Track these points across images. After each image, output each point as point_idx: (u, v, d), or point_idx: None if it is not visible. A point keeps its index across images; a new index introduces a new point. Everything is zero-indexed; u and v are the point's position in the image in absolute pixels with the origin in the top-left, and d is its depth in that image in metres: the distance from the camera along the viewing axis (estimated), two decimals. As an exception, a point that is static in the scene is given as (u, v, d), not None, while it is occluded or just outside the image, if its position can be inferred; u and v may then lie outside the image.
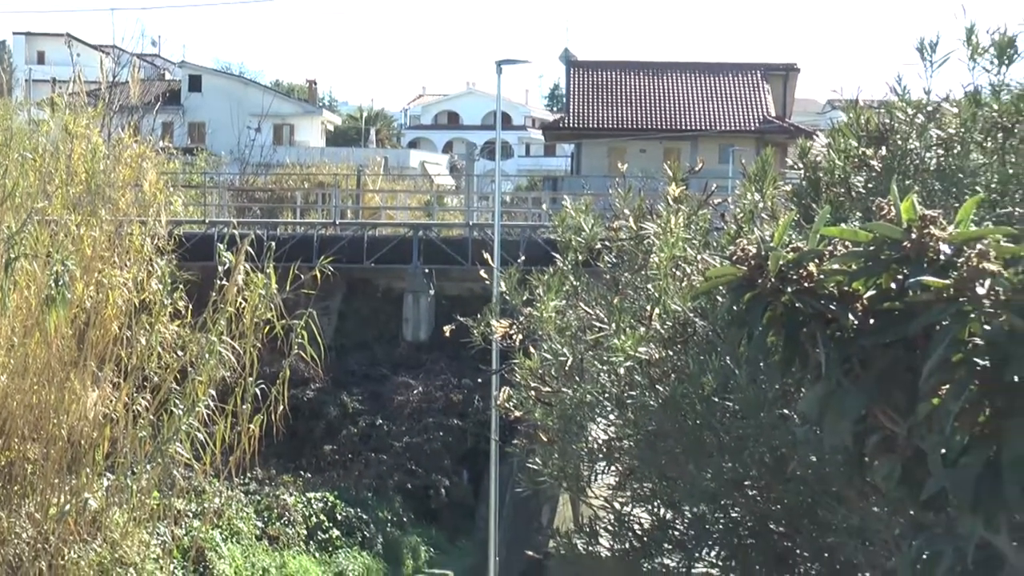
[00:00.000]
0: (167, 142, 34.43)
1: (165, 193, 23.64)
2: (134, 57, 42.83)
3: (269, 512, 29.97)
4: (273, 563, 28.15)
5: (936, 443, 4.83)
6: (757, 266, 5.11)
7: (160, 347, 21.03)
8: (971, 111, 9.32)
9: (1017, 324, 4.62)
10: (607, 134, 72.83)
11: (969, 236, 4.85)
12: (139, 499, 21.10)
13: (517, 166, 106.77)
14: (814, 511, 8.50)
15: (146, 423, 20.50)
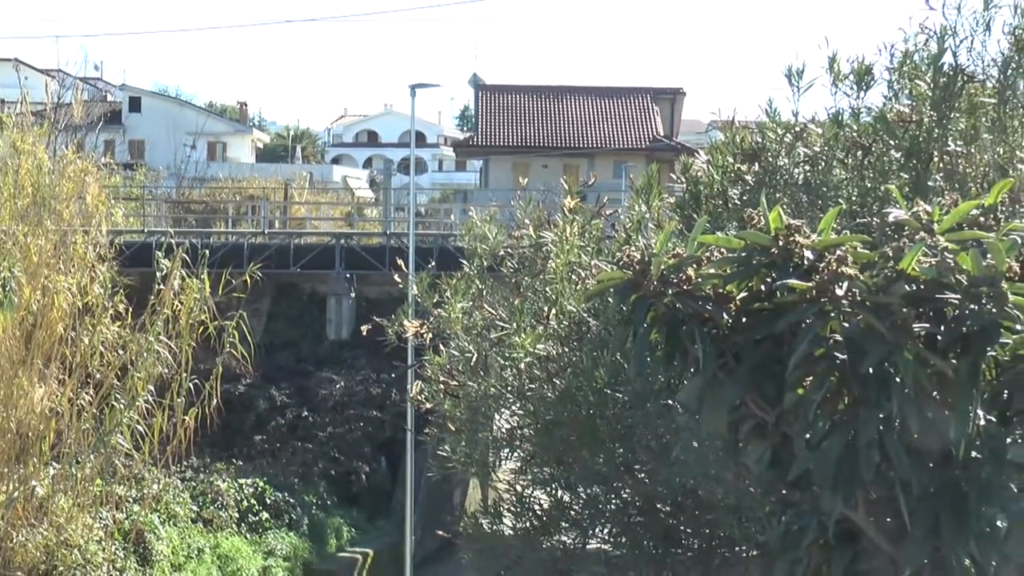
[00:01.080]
0: (109, 158, 34.06)
1: (106, 205, 23.52)
2: (78, 80, 42.47)
3: (204, 497, 29.74)
4: (207, 544, 27.96)
5: (801, 429, 4.89)
6: (641, 271, 5.13)
7: (102, 346, 20.94)
8: (834, 131, 9.41)
9: (872, 322, 4.68)
10: (512, 151, 72.81)
11: (829, 243, 4.90)
12: (83, 486, 21.02)
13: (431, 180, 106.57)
14: (696, 491, 8.54)
15: (89, 416, 20.41)
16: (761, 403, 5.08)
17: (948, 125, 9.17)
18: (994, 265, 4.77)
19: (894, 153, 9.23)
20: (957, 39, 9.31)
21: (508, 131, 74.86)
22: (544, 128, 75.05)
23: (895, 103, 9.56)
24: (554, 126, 75.30)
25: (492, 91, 77.74)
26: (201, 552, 27.44)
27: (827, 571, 5.23)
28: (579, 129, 75.04)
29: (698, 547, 9.30)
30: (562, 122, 75.58)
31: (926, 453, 4.83)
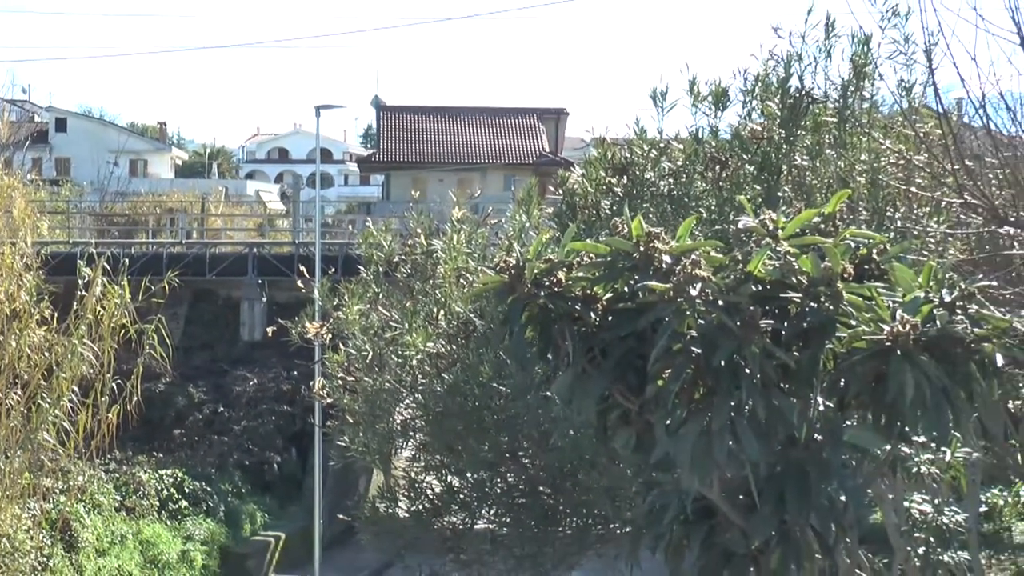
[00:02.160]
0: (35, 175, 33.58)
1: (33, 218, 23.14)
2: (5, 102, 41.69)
3: (126, 487, 29.37)
4: (130, 531, 27.62)
5: (661, 416, 4.92)
6: (517, 275, 5.14)
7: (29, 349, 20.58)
8: (694, 147, 9.52)
9: (723, 319, 4.73)
10: (411, 166, 72.74)
11: (685, 248, 4.95)
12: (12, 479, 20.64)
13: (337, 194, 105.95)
14: (574, 475, 8.61)
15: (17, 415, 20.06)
16: (626, 393, 5.11)
17: (795, 142, 9.31)
18: (831, 267, 4.85)
19: (748, 167, 9.36)
20: (802, 64, 9.47)
21: (407, 148, 74.83)
22: (440, 145, 75.06)
23: (749, 122, 9.69)
24: (449, 143, 75.34)
25: (393, 111, 77.67)
26: (124, 538, 27.10)
27: (687, 544, 5.28)
28: (472, 146, 75.13)
29: (576, 525, 9.36)
30: (457, 140, 75.65)
31: (773, 436, 4.87)
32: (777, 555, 5.03)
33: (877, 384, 4.86)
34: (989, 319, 5.02)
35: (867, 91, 9.46)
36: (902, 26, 9.12)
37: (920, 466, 8.74)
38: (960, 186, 7.51)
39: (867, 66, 9.33)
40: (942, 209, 8.74)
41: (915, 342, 4.77)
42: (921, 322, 4.82)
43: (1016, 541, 17.26)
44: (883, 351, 4.79)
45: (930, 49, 7.67)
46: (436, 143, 75.52)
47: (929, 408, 4.87)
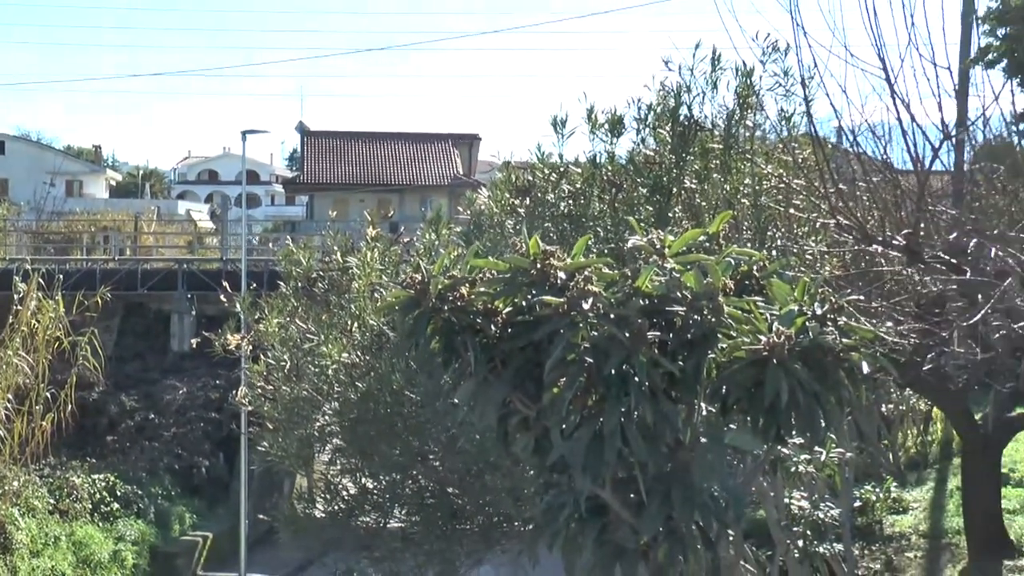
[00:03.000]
0: (-26, 196, 33.12)
1: (-30, 237, 22.89)
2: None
3: (60, 491, 28.84)
4: (63, 532, 27.13)
5: (557, 422, 4.93)
6: (422, 290, 5.14)
7: (-36, 361, 20.28)
8: (591, 171, 9.58)
9: (613, 331, 4.75)
10: (334, 188, 72.40)
11: (579, 265, 4.96)
12: (-53, 485, 20.31)
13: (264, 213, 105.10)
14: (479, 476, 8.60)
15: (-46, 422, 19.74)
16: (524, 400, 5.12)
17: (685, 166, 9.40)
18: (713, 283, 4.89)
19: (641, 189, 9.43)
20: (691, 95, 9.57)
21: (330, 170, 74.52)
22: (361, 168, 74.85)
23: (642, 148, 9.77)
24: (370, 166, 75.15)
25: (316, 136, 77.36)
26: (57, 540, 26.63)
27: (581, 540, 5.28)
28: (391, 169, 74.99)
29: (481, 523, 9.35)
30: (377, 163, 75.46)
31: (660, 440, 4.90)
32: (664, 549, 5.05)
33: (755, 390, 4.90)
34: (857, 330, 5.09)
35: (750, 120, 9.57)
36: (781, 61, 9.26)
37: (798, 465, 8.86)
38: (834, 208, 7.62)
39: (750, 97, 9.44)
40: (818, 229, 8.87)
41: (789, 352, 4.83)
42: (795, 333, 4.88)
43: (887, 533, 17.44)
44: (760, 360, 4.84)
45: (805, 83, 7.78)
46: (357, 166, 75.26)
47: (802, 412, 4.93)
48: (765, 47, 9.13)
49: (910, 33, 7.29)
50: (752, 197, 9.07)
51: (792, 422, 4.98)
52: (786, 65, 9.19)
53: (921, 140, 7.72)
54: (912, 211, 7.71)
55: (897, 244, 7.69)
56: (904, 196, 8.12)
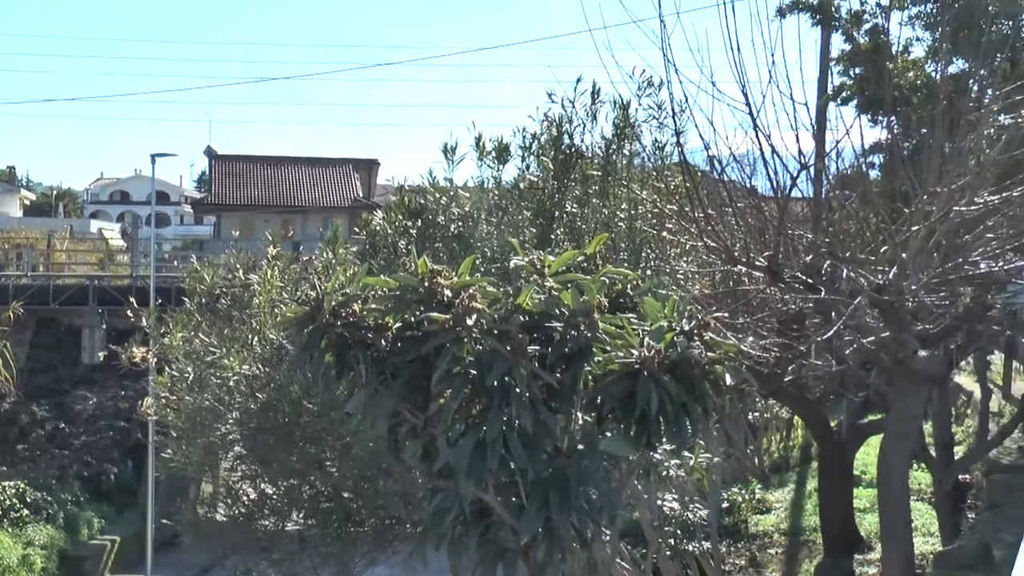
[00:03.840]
0: None
1: None
2: None
3: (-29, 499, 28.22)
4: (-26, 538, 26.54)
5: (443, 430, 4.91)
6: (316, 307, 5.09)
7: None
8: (479, 195, 9.58)
9: (495, 346, 4.74)
10: (240, 208, 71.71)
11: (464, 284, 4.94)
12: None
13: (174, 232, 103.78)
14: (373, 481, 8.54)
15: None
16: (413, 410, 5.09)
17: (566, 192, 9.44)
18: (588, 300, 4.91)
19: (525, 213, 9.46)
20: (572, 125, 9.63)
21: (237, 192, 73.78)
22: (267, 190, 74.21)
23: (527, 174, 9.80)
24: (275, 188, 74.53)
25: (224, 160, 76.62)
26: (-33, 545, 26.01)
27: (466, 540, 5.26)
28: (295, 191, 74.50)
29: (374, 525, 9.27)
30: (281, 185, 74.85)
31: (539, 447, 4.90)
32: (543, 549, 5.04)
33: (628, 401, 4.92)
34: (721, 344, 5.14)
35: (627, 149, 9.66)
36: (655, 95, 9.36)
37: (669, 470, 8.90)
38: (702, 231, 7.69)
39: (627, 128, 9.53)
40: (688, 251, 8.95)
41: (659, 365, 4.87)
42: (664, 348, 4.92)
43: (751, 532, 17.66)
44: (632, 373, 4.88)
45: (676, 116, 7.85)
46: (263, 188, 74.61)
47: (671, 420, 4.97)
48: (640, 82, 9.23)
49: (771, 71, 7.38)
50: (628, 221, 9.14)
51: (661, 430, 5.03)
52: (659, 99, 9.29)
53: (781, 170, 7.82)
54: (773, 235, 7.80)
55: (759, 265, 7.78)
56: (766, 221, 8.22)
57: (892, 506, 9.09)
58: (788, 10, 15.34)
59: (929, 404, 15.04)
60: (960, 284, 8.45)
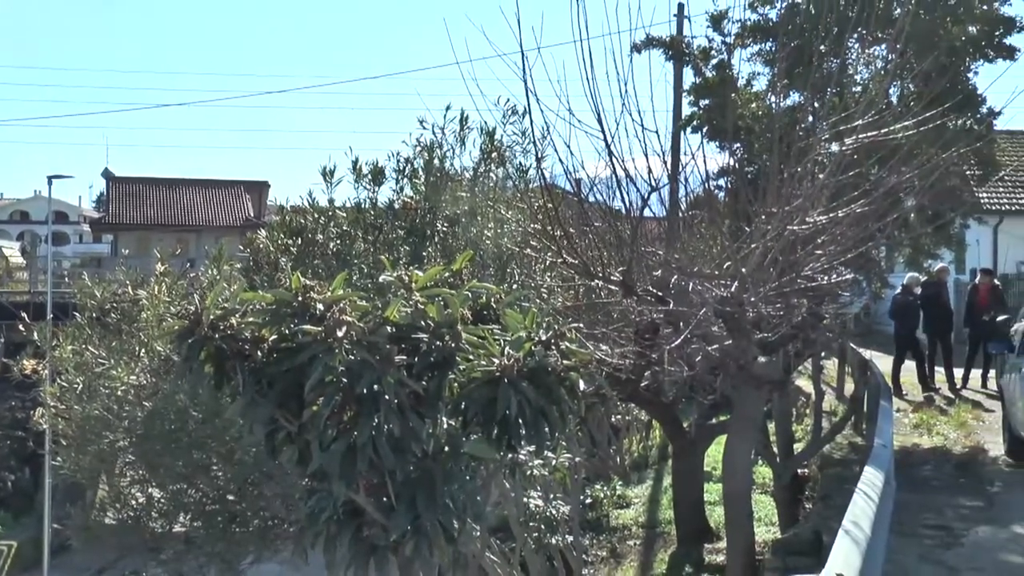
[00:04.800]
0: None
1: None
2: None
3: None
4: None
5: (316, 435, 4.84)
6: (195, 320, 4.98)
7: None
8: (356, 215, 9.51)
9: (365, 356, 4.70)
10: (137, 227, 70.63)
11: (335, 298, 4.89)
12: None
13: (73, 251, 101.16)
14: (256, 484, 8.39)
15: None
16: (288, 417, 5.00)
17: (437, 212, 9.42)
18: (452, 313, 4.89)
19: (399, 231, 9.41)
20: (443, 150, 9.62)
21: (134, 212, 72.81)
22: (162, 210, 73.40)
23: (400, 195, 9.78)
24: (170, 208, 73.76)
25: (121, 181, 75.66)
26: None
27: (339, 539, 5.19)
28: (190, 211, 73.81)
29: (257, 526, 9.10)
30: (176, 205, 74.09)
31: (407, 450, 4.87)
32: (411, 545, 4.99)
33: (489, 406, 4.91)
34: (576, 353, 5.16)
35: (494, 172, 9.68)
36: (519, 123, 9.39)
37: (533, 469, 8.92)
38: (561, 249, 7.73)
39: (493, 153, 9.55)
40: (551, 267, 8.99)
41: (518, 372, 4.87)
42: (523, 356, 4.91)
43: (612, 525, 17.78)
44: (493, 380, 4.87)
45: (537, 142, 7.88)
46: (158, 208, 73.72)
47: (530, 424, 4.97)
48: (505, 111, 9.25)
49: (624, 101, 7.46)
50: (495, 239, 9.15)
51: (521, 433, 5.02)
52: (523, 126, 9.33)
53: (634, 192, 7.90)
54: (627, 252, 7.87)
55: (615, 280, 7.84)
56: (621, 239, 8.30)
57: (735, 499, 9.23)
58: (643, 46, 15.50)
59: (771, 405, 15.34)
60: (794, 296, 8.62)
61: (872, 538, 6.69)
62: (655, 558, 15.40)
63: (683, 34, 23.46)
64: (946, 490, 13.42)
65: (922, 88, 15.46)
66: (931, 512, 11.99)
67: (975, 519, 11.78)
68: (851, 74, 16.60)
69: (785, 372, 11.76)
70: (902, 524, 11.19)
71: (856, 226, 9.13)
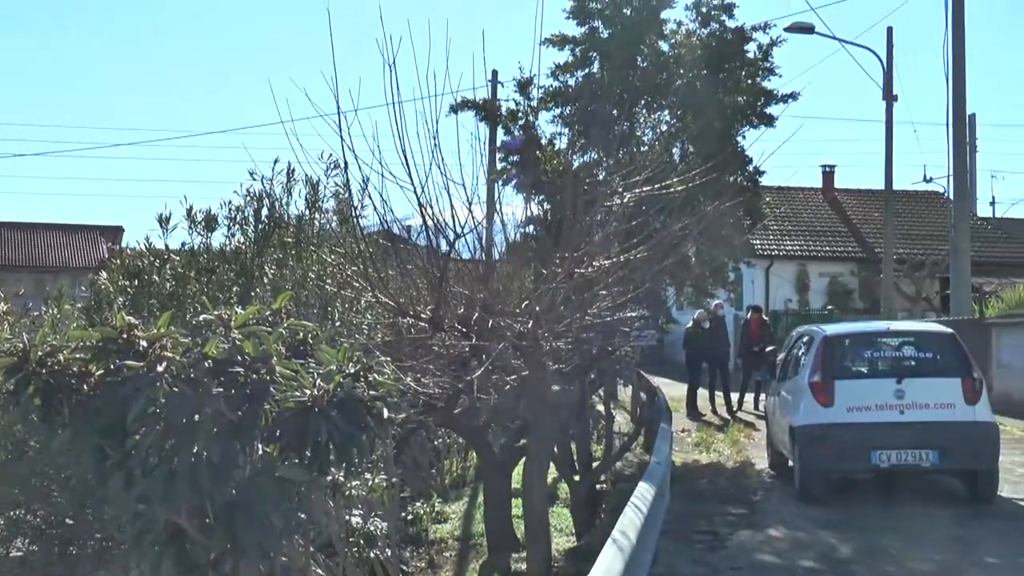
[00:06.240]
0: None
1: None
2: None
3: None
4: None
5: (140, 462, 4.76)
6: (23, 357, 4.85)
7: None
8: (189, 258, 9.33)
9: (184, 389, 4.64)
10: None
11: (158, 336, 4.81)
12: None
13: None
14: (94, 507, 8.07)
15: None
16: (114, 446, 4.89)
17: (266, 256, 9.31)
18: (267, 349, 4.86)
19: (230, 274, 9.26)
20: (271, 200, 9.54)
21: (-8, 254, 69.94)
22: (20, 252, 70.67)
23: (232, 240, 9.64)
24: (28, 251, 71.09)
25: (-24, 224, 72.50)
26: None
27: (164, 558, 5.08)
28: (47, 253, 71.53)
29: (94, 546, 8.74)
30: (35, 249, 71.47)
31: (225, 475, 4.81)
32: (230, 563, 4.94)
33: (302, 433, 4.90)
34: (383, 384, 5.19)
35: (317, 220, 9.64)
36: (341, 175, 9.37)
37: (352, 490, 8.85)
38: (375, 289, 7.74)
39: (317, 202, 9.52)
40: (369, 306, 8.98)
41: (327, 402, 4.87)
42: (332, 388, 4.92)
43: (431, 539, 17.69)
44: (305, 409, 4.86)
45: (352, 193, 7.90)
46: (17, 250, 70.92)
47: (339, 449, 4.99)
48: (328, 164, 9.24)
49: (433, 153, 7.54)
50: (316, 280, 9.09)
51: (331, 458, 5.03)
52: (345, 178, 9.32)
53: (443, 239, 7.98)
54: (435, 293, 7.94)
55: (424, 317, 7.89)
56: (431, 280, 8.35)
57: (534, 513, 9.36)
58: (459, 107, 15.72)
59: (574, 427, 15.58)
60: (585, 332, 8.83)
61: (637, 546, 6.87)
62: (468, 568, 15.38)
63: (497, 98, 23.88)
64: (717, 500, 13.89)
65: (698, 148, 16.10)
66: (703, 520, 12.40)
67: (739, 524, 12.23)
68: (639, 135, 17.17)
69: (581, 399, 12.00)
70: (677, 531, 11.55)
71: (641, 269, 9.43)
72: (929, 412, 12.93)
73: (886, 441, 12.83)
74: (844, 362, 13.80)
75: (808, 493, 13.37)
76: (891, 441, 12.84)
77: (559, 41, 18.50)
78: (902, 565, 10.14)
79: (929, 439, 12.80)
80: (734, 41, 18.44)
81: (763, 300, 38.33)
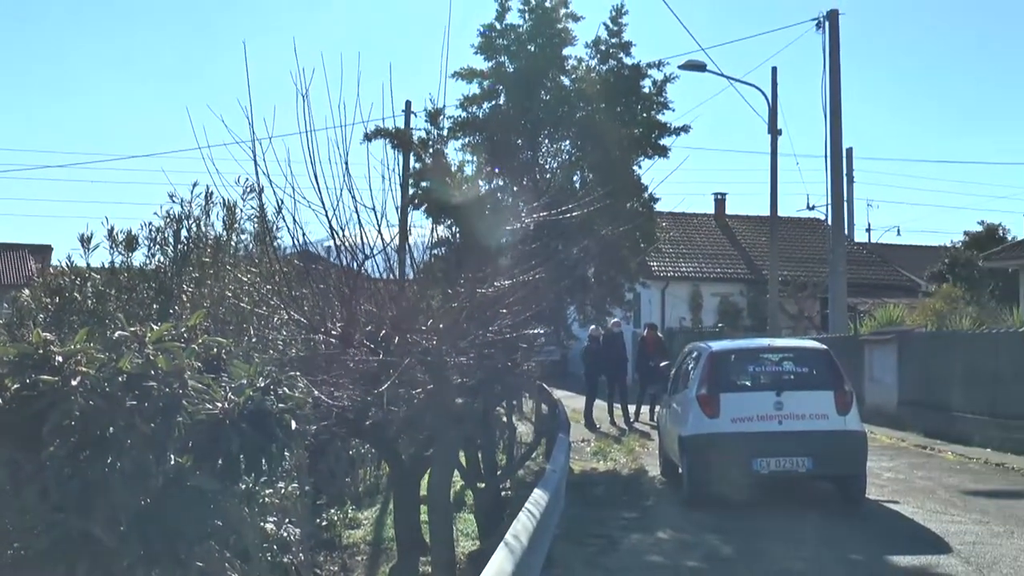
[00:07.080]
0: None
1: None
2: None
3: None
4: None
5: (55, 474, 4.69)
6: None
7: None
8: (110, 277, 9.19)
9: (98, 402, 4.60)
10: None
11: (73, 351, 4.75)
12: None
13: None
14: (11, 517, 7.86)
15: None
16: (30, 458, 4.80)
17: (184, 274, 9.21)
18: (179, 363, 4.84)
19: (150, 291, 9.14)
20: (190, 221, 9.44)
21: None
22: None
23: (152, 259, 9.52)
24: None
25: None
26: None
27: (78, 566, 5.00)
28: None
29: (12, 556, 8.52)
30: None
31: (138, 485, 4.77)
32: (142, 569, 4.88)
33: (213, 444, 4.88)
34: (291, 398, 5.20)
35: (234, 240, 9.56)
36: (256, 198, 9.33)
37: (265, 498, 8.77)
38: (287, 307, 7.72)
39: (234, 224, 9.44)
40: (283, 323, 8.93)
41: (238, 414, 4.88)
42: (243, 401, 4.93)
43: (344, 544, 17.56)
44: (217, 421, 4.86)
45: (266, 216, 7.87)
46: (-53, 269, 68.66)
47: (250, 459, 4.99)
48: (244, 188, 9.17)
49: (344, 178, 7.55)
50: (233, 298, 9.01)
51: (242, 467, 5.03)
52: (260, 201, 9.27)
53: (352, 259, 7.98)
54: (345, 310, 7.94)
55: (335, 333, 7.88)
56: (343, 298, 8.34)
57: (438, 518, 9.40)
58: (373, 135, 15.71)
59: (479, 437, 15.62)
60: (486, 348, 8.90)
61: (528, 549, 6.93)
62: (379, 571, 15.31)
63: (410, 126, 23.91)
64: (612, 505, 14.05)
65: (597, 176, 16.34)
66: (598, 524, 12.54)
67: (631, 528, 12.40)
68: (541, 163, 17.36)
69: (485, 410, 12.06)
70: (573, 535, 11.66)
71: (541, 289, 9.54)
72: (804, 422, 13.29)
73: (766, 449, 13.15)
74: (729, 376, 14.10)
75: (695, 498, 13.62)
76: (770, 449, 13.16)
77: (467, 74, 18.65)
78: (777, 563, 10.39)
79: (804, 447, 13.15)
80: (631, 77, 18.79)
81: (659, 318, 38.94)
